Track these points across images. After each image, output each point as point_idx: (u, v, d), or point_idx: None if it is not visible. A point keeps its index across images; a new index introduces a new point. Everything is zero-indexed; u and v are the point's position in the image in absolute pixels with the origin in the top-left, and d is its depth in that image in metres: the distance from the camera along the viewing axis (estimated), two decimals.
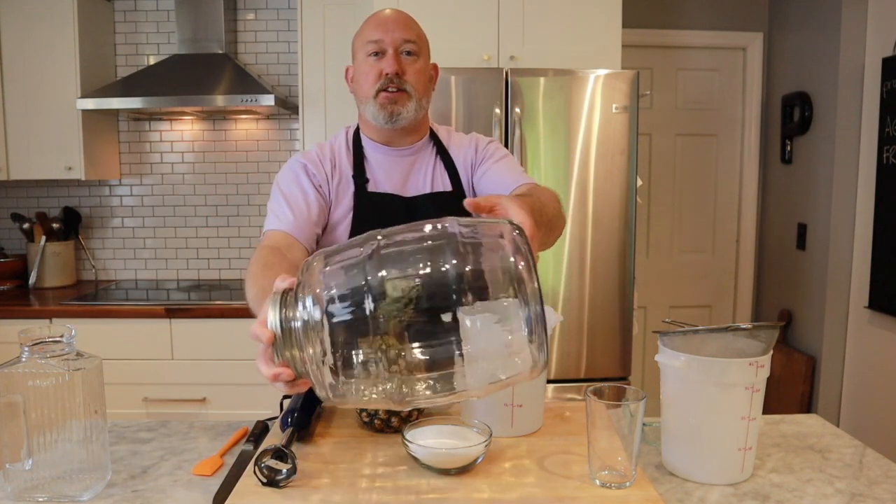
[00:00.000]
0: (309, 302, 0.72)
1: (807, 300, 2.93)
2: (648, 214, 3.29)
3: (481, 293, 0.69)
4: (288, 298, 0.74)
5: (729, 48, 3.24)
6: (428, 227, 0.74)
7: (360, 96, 1.35)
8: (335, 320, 0.70)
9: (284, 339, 0.73)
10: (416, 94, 1.32)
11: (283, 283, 0.75)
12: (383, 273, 0.70)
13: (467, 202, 0.86)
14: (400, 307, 0.69)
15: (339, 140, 1.41)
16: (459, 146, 1.43)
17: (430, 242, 0.72)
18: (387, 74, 1.29)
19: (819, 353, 2.84)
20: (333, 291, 0.72)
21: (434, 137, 1.43)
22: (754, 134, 3.27)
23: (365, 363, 0.70)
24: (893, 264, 2.51)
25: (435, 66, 1.41)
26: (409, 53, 1.31)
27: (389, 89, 1.29)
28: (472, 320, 0.68)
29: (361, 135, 1.40)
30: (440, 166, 1.40)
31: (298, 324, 0.72)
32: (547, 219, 1.07)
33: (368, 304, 0.69)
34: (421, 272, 0.71)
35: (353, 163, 1.37)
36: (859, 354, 2.75)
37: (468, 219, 0.76)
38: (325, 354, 0.71)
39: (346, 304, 0.70)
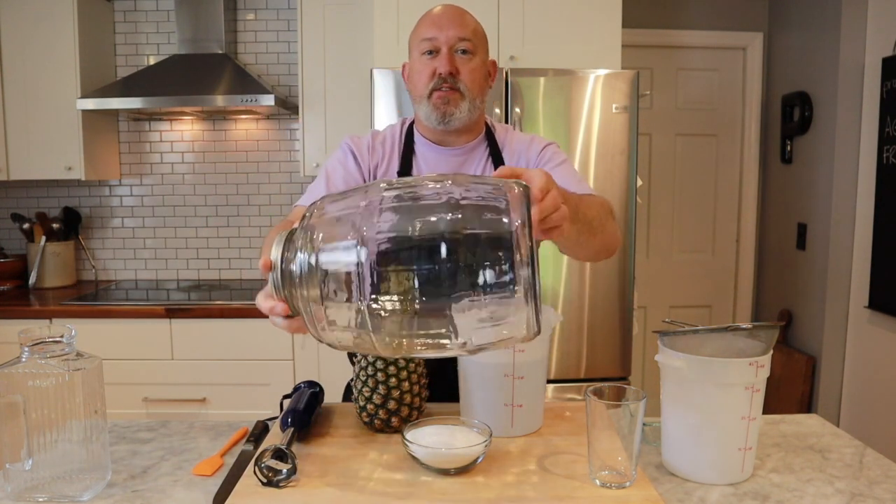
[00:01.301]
0: (306, 246, 0.74)
1: (807, 300, 2.93)
2: (648, 214, 3.29)
3: (474, 257, 0.68)
4: (294, 237, 0.77)
5: (729, 48, 3.24)
6: (430, 186, 0.73)
7: (415, 95, 1.34)
8: (329, 269, 0.72)
9: (283, 277, 0.76)
10: (469, 94, 1.30)
11: (296, 225, 0.78)
12: (377, 232, 0.70)
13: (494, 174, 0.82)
14: (395, 268, 0.70)
15: (395, 131, 1.40)
16: (514, 148, 1.39)
17: (428, 202, 0.72)
18: (440, 74, 1.28)
19: (819, 353, 2.84)
20: (329, 243, 0.73)
21: (489, 136, 1.40)
22: (754, 134, 3.27)
23: (357, 310, 0.72)
24: (893, 264, 2.51)
25: (493, 63, 1.38)
26: (464, 52, 1.30)
27: (443, 88, 1.28)
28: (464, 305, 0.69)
29: (415, 130, 1.40)
30: (489, 168, 1.37)
31: (294, 266, 0.75)
32: (585, 217, 1.01)
33: (360, 259, 0.70)
34: (414, 235, 0.70)
35: (401, 157, 1.36)
36: (859, 354, 2.74)
37: (476, 177, 0.76)
38: (320, 299, 0.73)
39: (338, 254, 0.72)
